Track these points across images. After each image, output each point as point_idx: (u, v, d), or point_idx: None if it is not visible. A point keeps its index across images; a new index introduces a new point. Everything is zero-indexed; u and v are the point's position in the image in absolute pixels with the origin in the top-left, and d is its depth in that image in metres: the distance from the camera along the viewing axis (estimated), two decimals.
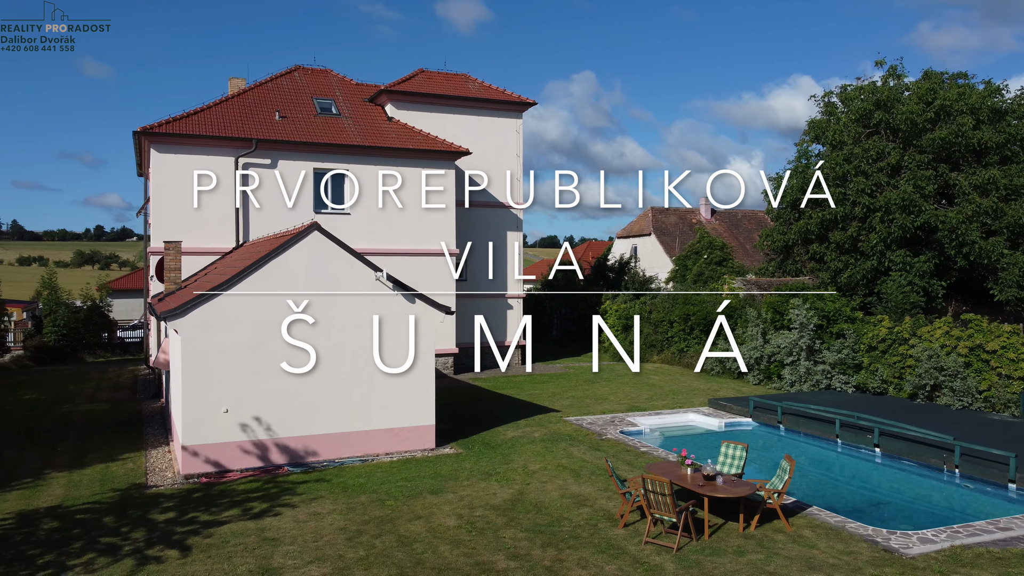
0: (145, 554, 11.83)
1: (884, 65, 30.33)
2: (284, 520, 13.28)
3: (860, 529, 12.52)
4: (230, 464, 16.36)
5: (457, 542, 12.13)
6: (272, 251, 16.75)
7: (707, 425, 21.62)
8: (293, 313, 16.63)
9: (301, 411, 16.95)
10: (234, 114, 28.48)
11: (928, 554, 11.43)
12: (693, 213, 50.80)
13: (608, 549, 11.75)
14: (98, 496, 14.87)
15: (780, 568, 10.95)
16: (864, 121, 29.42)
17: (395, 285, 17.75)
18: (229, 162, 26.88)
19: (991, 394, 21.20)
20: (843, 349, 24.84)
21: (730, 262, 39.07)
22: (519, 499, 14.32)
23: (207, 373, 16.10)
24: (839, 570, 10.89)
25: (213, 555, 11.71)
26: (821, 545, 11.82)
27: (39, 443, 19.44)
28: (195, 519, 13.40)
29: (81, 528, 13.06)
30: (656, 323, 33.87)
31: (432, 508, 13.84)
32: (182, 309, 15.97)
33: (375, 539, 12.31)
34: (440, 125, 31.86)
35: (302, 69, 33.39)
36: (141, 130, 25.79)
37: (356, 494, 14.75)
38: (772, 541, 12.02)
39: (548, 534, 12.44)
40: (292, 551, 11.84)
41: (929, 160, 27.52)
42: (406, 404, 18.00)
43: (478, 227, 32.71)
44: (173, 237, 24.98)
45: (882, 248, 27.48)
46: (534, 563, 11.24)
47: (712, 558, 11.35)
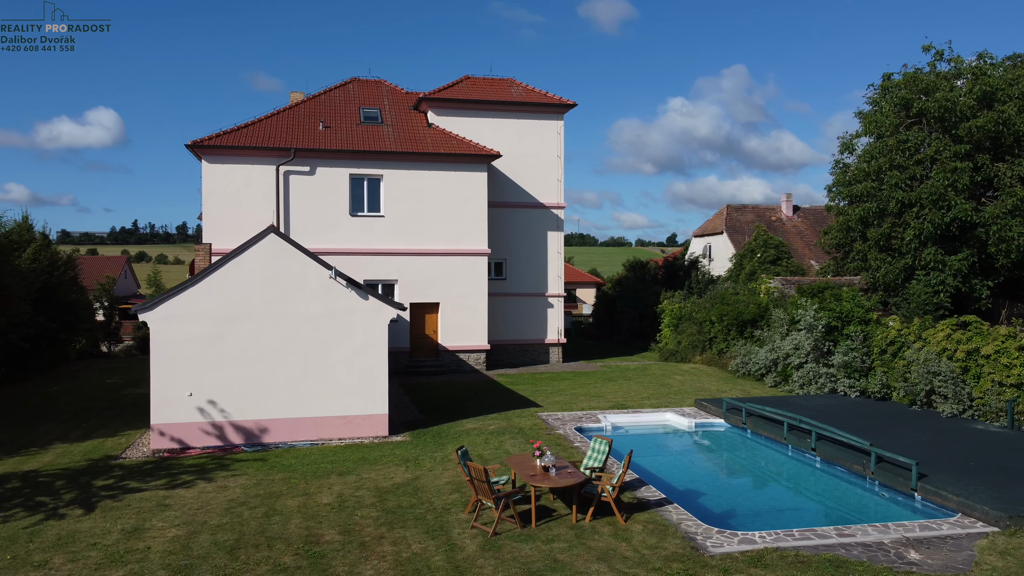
0: (58, 512, 13.87)
1: (931, 50, 28.39)
2: (192, 490, 15.00)
3: (693, 527, 12.56)
4: (192, 442, 18.39)
5: (311, 516, 13.33)
6: (232, 252, 18.64)
7: (677, 425, 21.54)
8: (249, 307, 18.44)
9: (258, 397, 18.72)
10: (283, 125, 31.03)
11: (732, 554, 11.39)
12: (773, 210, 48.89)
13: (434, 531, 12.54)
14: (70, 464, 17.27)
15: (570, 557, 11.34)
16: (906, 111, 27.74)
17: (348, 283, 19.17)
18: (271, 170, 29.39)
19: (982, 401, 19.71)
20: (849, 352, 23.72)
21: (785, 261, 37.60)
22: (409, 483, 15.31)
23: (173, 361, 18.21)
24: (628, 562, 11.14)
25: (106, 515, 13.56)
26: (636, 539, 12.03)
27: (76, 419, 22.42)
28: (125, 487, 15.39)
29: (33, 488, 15.38)
30: (700, 322, 33.39)
31: (324, 487, 15.11)
32: (151, 303, 18.16)
33: (248, 510, 13.74)
34: (480, 129, 33.08)
35: (357, 80, 35.65)
36: (192, 143, 28.77)
37: (276, 472, 16.28)
38: (593, 532, 12.34)
39: (397, 515, 13.38)
40: (171, 516, 13.48)
41: (967, 151, 25.60)
42: (358, 393, 19.37)
43: (518, 228, 33.64)
44: (222, 240, 27.89)
45: (916, 245, 25.92)
46: (356, 538, 12.25)
47: (518, 543, 11.88)
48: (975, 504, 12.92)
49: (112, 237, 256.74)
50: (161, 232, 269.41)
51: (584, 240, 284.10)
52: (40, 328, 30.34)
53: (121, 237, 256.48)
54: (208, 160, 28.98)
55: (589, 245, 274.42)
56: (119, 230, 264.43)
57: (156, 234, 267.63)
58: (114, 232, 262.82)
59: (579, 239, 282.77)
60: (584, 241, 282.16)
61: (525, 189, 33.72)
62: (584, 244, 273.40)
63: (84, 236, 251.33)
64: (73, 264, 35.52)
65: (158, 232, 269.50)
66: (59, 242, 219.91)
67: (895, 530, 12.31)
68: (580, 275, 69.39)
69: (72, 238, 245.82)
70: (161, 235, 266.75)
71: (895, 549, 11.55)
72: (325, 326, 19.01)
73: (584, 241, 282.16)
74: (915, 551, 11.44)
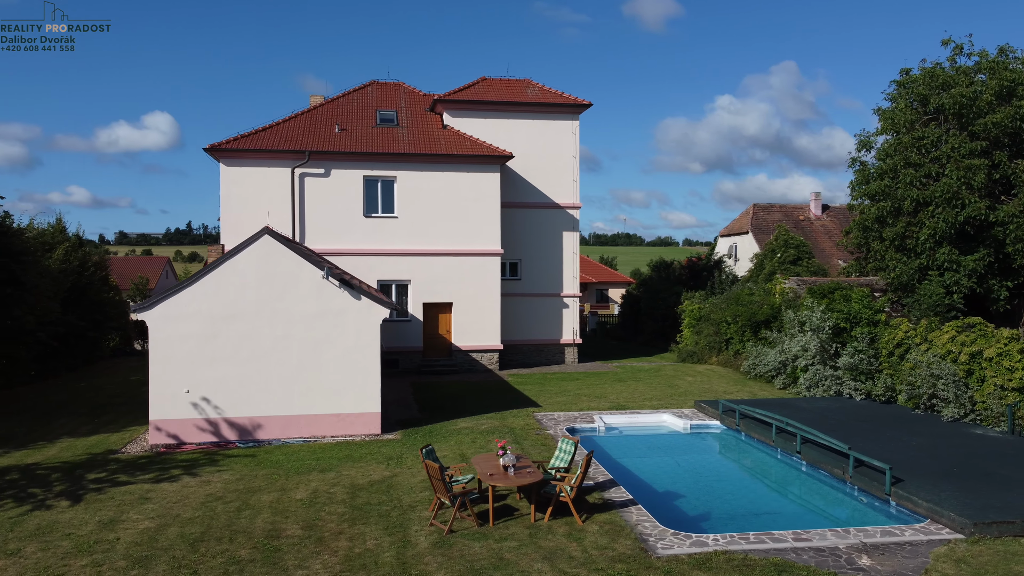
0: (45, 503, 14.46)
1: (950, 44, 27.61)
2: (175, 485, 15.47)
3: (649, 529, 12.52)
4: (188, 438, 18.93)
5: (280, 512, 13.65)
6: (228, 252, 19.14)
7: (673, 426, 21.40)
8: (243, 307, 18.91)
9: (252, 394, 19.19)
10: (300, 129, 31.64)
11: (678, 556, 11.35)
12: (801, 209, 47.95)
13: (394, 527, 12.74)
14: (71, 458, 17.93)
15: (517, 556, 11.42)
16: (923, 107, 27.06)
17: (340, 283, 19.52)
18: (286, 172, 30.00)
19: (984, 405, 19.14)
20: (856, 354, 23.24)
21: (806, 261, 36.88)
22: (385, 480, 15.55)
23: (170, 358, 18.78)
24: (573, 562, 11.18)
25: (89, 507, 14.08)
26: (588, 540, 12.05)
27: (91, 415, 23.23)
28: (115, 480, 15.95)
29: (29, 480, 16.03)
30: (717, 323, 33.03)
31: (302, 483, 15.44)
32: (149, 303, 18.75)
33: (223, 505, 14.12)
34: (495, 130, 33.25)
35: (376, 83, 36.14)
36: (210, 147, 29.52)
37: (262, 468, 16.68)
38: (548, 532, 12.40)
39: (363, 511, 13.62)
40: (148, 509, 13.94)
41: (984, 147, 24.86)
42: (351, 392, 19.70)
43: (533, 228, 33.72)
44: (238, 241, 28.48)
45: (931, 245, 25.28)
46: (316, 533, 12.51)
47: (471, 542, 12.01)
48: (943, 510, 12.63)
49: (167, 238, 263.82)
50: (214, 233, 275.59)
51: (630, 240, 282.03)
52: (69, 327, 31.45)
53: (175, 238, 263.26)
54: (226, 163, 29.70)
55: (636, 245, 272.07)
56: (173, 231, 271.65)
57: (209, 235, 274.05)
58: (169, 233, 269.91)
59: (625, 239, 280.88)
60: (630, 241, 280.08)
61: (540, 189, 33.78)
62: (630, 244, 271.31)
63: (140, 237, 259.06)
64: (104, 265, 36.71)
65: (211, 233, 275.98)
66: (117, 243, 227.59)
67: (855, 535, 12.10)
68: (613, 275, 69.07)
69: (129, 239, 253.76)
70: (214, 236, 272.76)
71: (847, 555, 11.37)
72: (318, 325, 19.38)
73: (630, 241, 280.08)
74: (868, 557, 11.24)
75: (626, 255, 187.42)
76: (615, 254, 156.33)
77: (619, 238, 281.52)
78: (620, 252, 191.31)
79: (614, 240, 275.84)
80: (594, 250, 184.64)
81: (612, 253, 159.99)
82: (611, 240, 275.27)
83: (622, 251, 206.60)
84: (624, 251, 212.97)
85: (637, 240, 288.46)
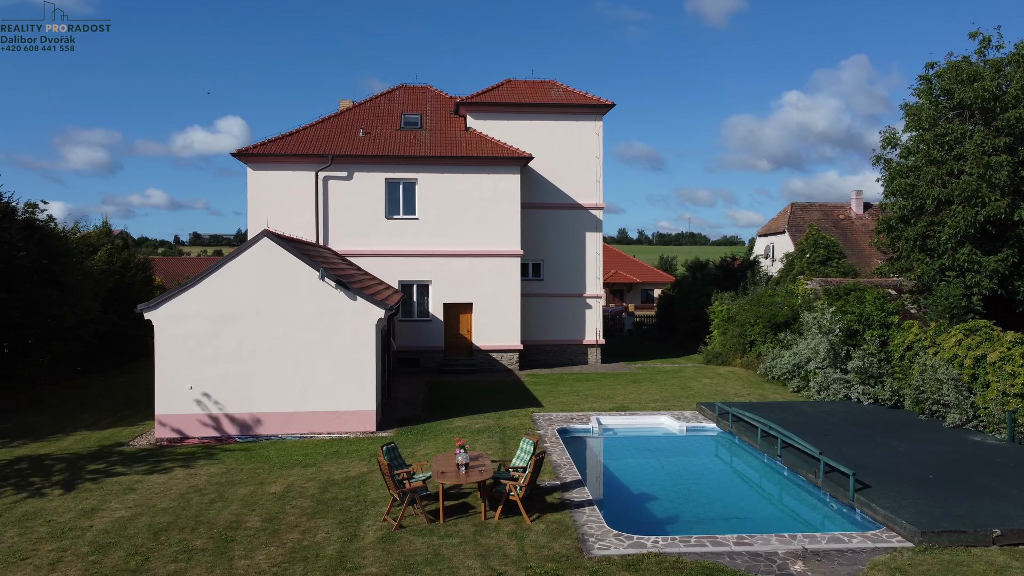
0: (41, 491, 15.38)
1: (978, 37, 26.59)
2: (164, 476, 16.24)
3: (594, 530, 12.61)
4: (191, 433, 19.76)
5: (249, 504, 14.22)
6: (229, 254, 19.90)
7: (669, 428, 21.29)
8: (243, 307, 19.64)
9: (252, 392, 19.90)
10: (325, 133, 32.48)
11: (611, 557, 11.42)
12: (841, 208, 46.62)
13: (348, 522, 13.15)
14: (80, 450, 18.94)
15: (453, 552, 11.68)
16: (948, 102, 26.16)
17: (337, 284, 20.07)
18: (310, 176, 30.86)
19: (986, 411, 18.47)
20: (865, 357, 22.65)
21: (836, 261, 35.91)
22: (360, 477, 15.99)
23: (174, 356, 19.64)
24: (505, 560, 11.37)
25: (77, 496, 14.92)
26: (529, 539, 12.21)
27: (115, 409, 24.40)
28: (111, 471, 16.81)
29: (34, 470, 17.04)
30: (742, 325, 32.56)
31: (281, 478, 16.01)
32: (156, 303, 19.65)
33: (199, 496, 14.78)
34: (518, 131, 33.49)
35: (404, 87, 36.80)
36: (237, 152, 30.59)
37: (251, 462, 17.34)
38: (493, 530, 12.61)
39: (326, 506, 14.07)
40: (130, 499, 14.69)
41: (1007, 143, 23.90)
42: (347, 390, 20.24)
43: (555, 229, 33.84)
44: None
45: (952, 245, 24.47)
46: (273, 526, 13.02)
47: (415, 537, 12.32)
48: (897, 518, 12.36)
49: (238, 239, 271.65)
50: None
51: (695, 239, 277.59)
52: (111, 325, 32.98)
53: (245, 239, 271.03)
54: (253, 168, 30.71)
55: (700, 244, 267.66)
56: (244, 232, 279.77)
57: None
58: (240, 234, 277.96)
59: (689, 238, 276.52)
60: (695, 240, 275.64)
61: (563, 190, 33.86)
62: (694, 243, 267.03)
63: (213, 238, 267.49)
64: (147, 265, 38.34)
65: None
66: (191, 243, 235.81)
67: (800, 541, 11.96)
68: (658, 275, 68.41)
69: (203, 239, 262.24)
70: None
71: (782, 560, 11.26)
72: (315, 325, 19.97)
73: (695, 240, 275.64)
74: (802, 563, 11.11)
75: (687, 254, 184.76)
76: (677, 253, 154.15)
77: (683, 237, 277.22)
78: (682, 251, 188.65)
79: (678, 239, 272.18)
80: (656, 249, 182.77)
81: (674, 252, 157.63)
82: (675, 239, 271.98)
83: (685, 250, 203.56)
84: (687, 250, 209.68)
85: (702, 239, 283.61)
